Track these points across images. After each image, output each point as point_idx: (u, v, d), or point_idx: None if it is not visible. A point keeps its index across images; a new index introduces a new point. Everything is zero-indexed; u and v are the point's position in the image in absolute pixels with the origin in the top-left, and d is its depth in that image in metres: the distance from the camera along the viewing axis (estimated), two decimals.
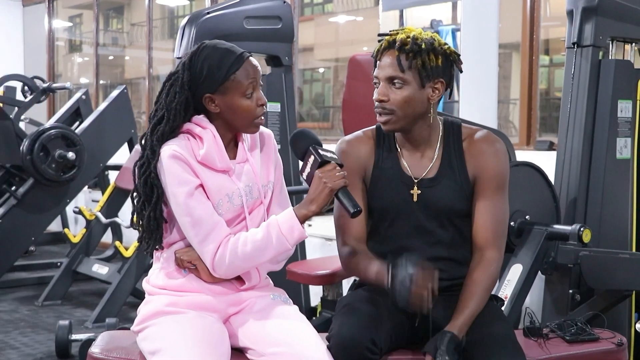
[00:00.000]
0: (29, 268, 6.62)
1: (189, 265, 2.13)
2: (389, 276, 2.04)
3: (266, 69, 4.12)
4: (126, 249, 5.23)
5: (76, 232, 6.07)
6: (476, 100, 4.89)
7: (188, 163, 2.08)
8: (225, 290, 2.16)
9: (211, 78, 2.10)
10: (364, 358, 1.99)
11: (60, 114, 6.18)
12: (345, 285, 3.66)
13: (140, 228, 2.14)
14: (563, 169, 3.43)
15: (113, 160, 6.11)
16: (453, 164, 2.26)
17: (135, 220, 2.16)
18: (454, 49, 2.27)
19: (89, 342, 3.25)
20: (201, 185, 2.10)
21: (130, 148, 5.98)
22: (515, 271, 3.03)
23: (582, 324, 2.45)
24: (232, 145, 2.20)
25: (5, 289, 5.96)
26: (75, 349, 4.15)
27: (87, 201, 7.54)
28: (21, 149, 5.46)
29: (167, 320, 2.08)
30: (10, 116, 5.92)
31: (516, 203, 3.09)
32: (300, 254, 4.09)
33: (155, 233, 2.12)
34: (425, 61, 2.18)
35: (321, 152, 2.08)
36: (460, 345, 2.05)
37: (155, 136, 2.10)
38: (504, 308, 2.58)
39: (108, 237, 6.41)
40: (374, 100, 2.22)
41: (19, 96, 6.77)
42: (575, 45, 3.38)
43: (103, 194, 6.10)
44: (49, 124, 5.85)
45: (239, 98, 2.11)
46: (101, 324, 4.60)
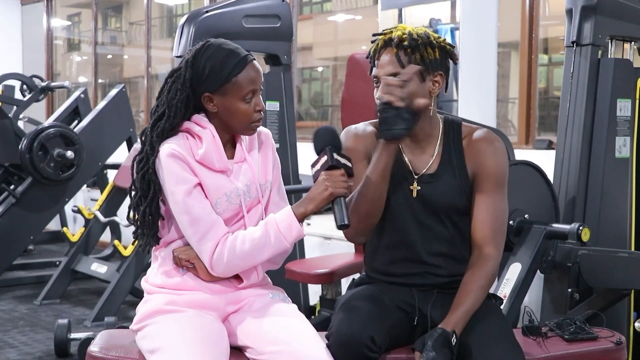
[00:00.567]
0: (27, 267, 6.62)
1: (187, 263, 2.13)
2: None
3: (265, 68, 4.12)
4: (125, 248, 5.23)
5: (75, 231, 6.07)
6: (475, 99, 4.89)
7: (186, 162, 2.08)
8: (224, 289, 2.15)
9: (212, 78, 2.10)
10: (363, 356, 2.00)
11: (58, 112, 6.17)
12: (344, 283, 3.66)
13: (136, 223, 2.14)
14: (562, 168, 3.43)
15: (112, 159, 6.10)
16: (453, 162, 2.27)
17: (131, 215, 2.16)
18: (448, 41, 2.28)
19: (88, 341, 3.26)
20: (199, 184, 2.10)
21: (129, 147, 5.98)
22: (514, 270, 3.02)
23: (581, 323, 2.44)
24: (230, 145, 2.20)
25: (4, 288, 5.96)
26: (74, 347, 4.15)
27: (86, 200, 7.54)
28: (20, 147, 5.45)
29: (166, 319, 2.08)
30: (9, 115, 5.92)
31: (515, 202, 3.09)
32: (299, 252, 4.09)
33: (150, 229, 2.12)
34: (423, 55, 2.19)
35: (335, 156, 2.07)
36: (449, 341, 2.03)
37: (155, 132, 2.10)
38: (502, 307, 2.58)
39: (107, 236, 6.41)
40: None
41: (18, 95, 6.76)
42: (575, 44, 3.38)
43: (102, 193, 6.10)
44: (47, 122, 5.85)
45: (237, 101, 2.11)
46: (100, 323, 4.59)
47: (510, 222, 3.08)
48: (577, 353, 2.34)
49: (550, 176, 3.33)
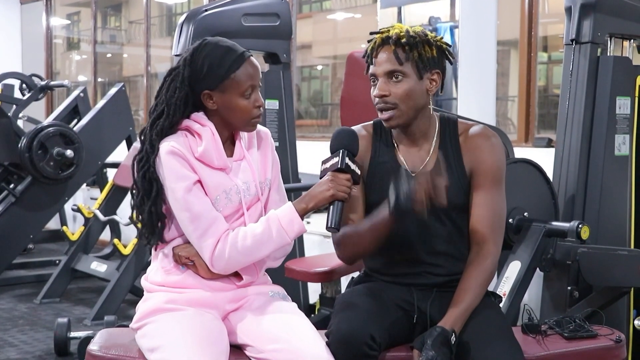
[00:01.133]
0: (27, 266, 6.62)
1: (187, 261, 2.13)
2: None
3: (264, 67, 4.12)
4: (124, 247, 5.23)
5: (75, 230, 6.06)
6: (474, 98, 4.89)
7: (186, 159, 2.08)
8: (224, 286, 2.16)
9: (211, 75, 2.10)
10: (363, 354, 2.00)
11: (58, 111, 6.17)
12: (343, 282, 3.66)
13: (140, 223, 2.14)
14: (561, 165, 3.43)
15: (111, 158, 6.10)
16: (450, 159, 2.26)
17: (134, 216, 2.16)
18: (445, 40, 2.30)
19: (88, 340, 3.26)
20: (199, 181, 2.10)
21: (129, 146, 5.98)
22: (513, 268, 3.02)
23: (581, 321, 2.44)
24: (230, 143, 2.21)
25: (3, 287, 5.96)
26: (74, 346, 4.15)
27: (86, 199, 7.54)
28: (19, 146, 5.45)
29: (166, 318, 2.08)
30: (9, 114, 5.91)
31: (514, 200, 3.09)
32: (298, 251, 4.09)
33: (157, 228, 2.12)
34: (421, 52, 2.20)
35: (347, 161, 2.08)
36: (449, 339, 2.03)
37: (154, 131, 2.10)
38: (502, 305, 2.58)
39: (106, 235, 6.41)
40: (374, 97, 2.22)
41: (17, 94, 6.75)
42: (574, 42, 3.38)
43: (101, 191, 6.10)
44: (47, 121, 5.84)
45: (237, 97, 2.12)
46: (100, 322, 4.59)
47: (510, 220, 3.08)
48: (577, 351, 2.33)
49: (549, 174, 3.33)
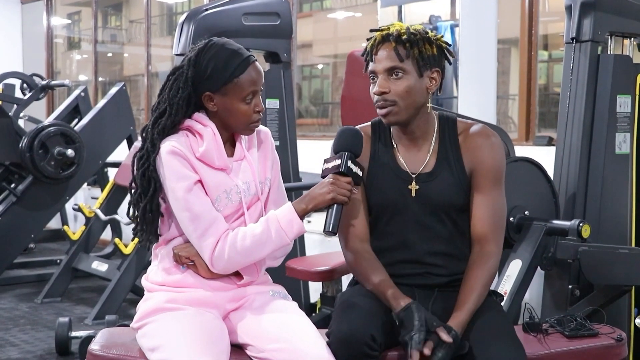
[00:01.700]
0: (28, 265, 6.62)
1: (187, 261, 2.13)
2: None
3: (265, 66, 4.12)
4: (125, 246, 5.23)
5: (76, 229, 6.07)
6: (475, 96, 4.89)
7: (187, 159, 2.09)
8: (224, 286, 2.16)
9: (214, 78, 2.10)
10: (363, 354, 1.99)
11: (59, 111, 6.17)
12: (344, 281, 3.66)
13: (136, 220, 2.14)
14: (562, 164, 3.42)
15: (112, 158, 6.10)
16: (449, 158, 2.26)
17: (131, 212, 2.16)
18: (445, 40, 2.29)
19: (89, 339, 3.27)
20: (200, 181, 2.10)
21: (129, 145, 5.98)
22: (514, 267, 3.02)
23: (582, 319, 2.44)
24: (230, 143, 2.21)
25: (5, 286, 5.96)
26: (75, 346, 4.15)
27: (87, 198, 7.54)
28: (20, 146, 5.45)
29: (167, 317, 2.08)
30: (9, 114, 5.91)
31: (515, 199, 3.09)
32: (299, 250, 4.09)
33: (151, 226, 2.12)
34: (422, 50, 2.20)
35: (349, 164, 2.09)
36: (457, 340, 2.04)
37: (156, 129, 2.10)
38: (503, 304, 2.58)
39: (107, 234, 6.41)
40: (374, 94, 2.22)
41: (18, 94, 6.75)
42: (574, 40, 3.38)
43: (102, 191, 6.10)
44: (48, 121, 5.84)
45: (237, 102, 2.12)
46: (101, 321, 4.60)
47: (511, 219, 3.08)
48: (578, 349, 2.34)
49: (550, 173, 3.33)
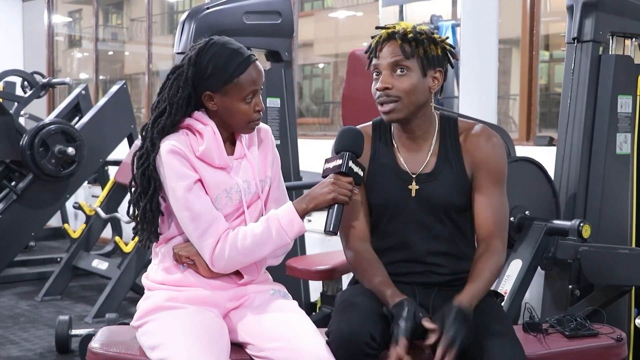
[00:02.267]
0: (28, 263, 6.63)
1: (187, 260, 2.13)
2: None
3: (266, 65, 4.12)
4: (126, 245, 5.23)
5: (76, 228, 6.08)
6: (476, 96, 4.89)
7: (187, 158, 2.08)
8: (224, 285, 2.16)
9: (215, 77, 2.10)
10: (363, 353, 1.99)
11: (59, 109, 6.18)
12: (344, 280, 3.66)
13: (136, 219, 2.14)
14: (563, 164, 3.43)
15: (113, 156, 6.11)
16: (450, 159, 2.26)
17: (131, 211, 2.16)
18: (449, 42, 2.29)
19: (89, 338, 3.27)
20: (200, 180, 2.10)
21: (130, 143, 5.98)
22: (514, 266, 3.03)
23: (582, 319, 2.44)
24: (230, 142, 2.20)
25: (5, 284, 5.97)
26: (75, 344, 4.15)
27: (87, 196, 7.55)
28: (21, 144, 5.46)
29: (167, 316, 2.08)
30: (10, 111, 5.92)
31: (516, 198, 3.09)
32: (300, 249, 4.10)
33: (150, 225, 2.12)
34: (427, 50, 2.20)
35: (350, 164, 2.08)
36: (467, 316, 2.02)
37: (156, 128, 2.10)
38: (503, 304, 2.58)
39: (108, 233, 6.41)
40: (376, 89, 2.21)
41: (19, 91, 6.76)
42: (575, 40, 3.38)
43: (103, 189, 6.11)
44: (48, 119, 5.85)
45: (237, 102, 2.11)
46: (101, 319, 4.60)
47: (511, 219, 3.09)
48: (578, 349, 2.34)
49: (551, 173, 3.33)
